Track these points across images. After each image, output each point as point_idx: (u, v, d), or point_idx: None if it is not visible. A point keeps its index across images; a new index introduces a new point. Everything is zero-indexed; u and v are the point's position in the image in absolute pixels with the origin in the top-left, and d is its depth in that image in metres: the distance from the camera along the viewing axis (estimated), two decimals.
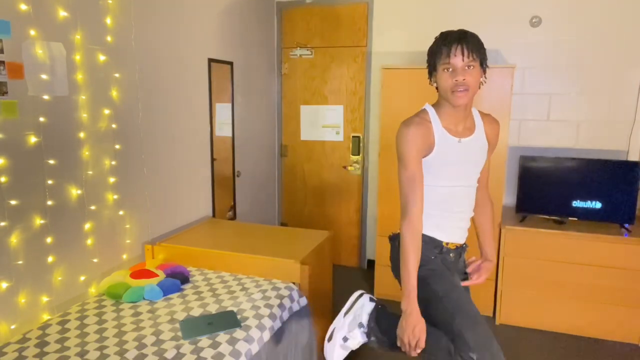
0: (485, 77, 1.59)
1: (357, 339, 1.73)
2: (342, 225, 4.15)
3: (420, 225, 1.58)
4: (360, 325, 1.73)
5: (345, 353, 1.77)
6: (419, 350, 1.54)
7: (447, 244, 1.71)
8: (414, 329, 1.53)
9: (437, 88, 1.60)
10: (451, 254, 1.73)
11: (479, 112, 1.74)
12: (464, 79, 1.49)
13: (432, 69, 1.59)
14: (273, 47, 4.09)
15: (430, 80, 1.62)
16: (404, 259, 1.56)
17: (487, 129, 1.72)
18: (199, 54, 3.04)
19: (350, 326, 1.74)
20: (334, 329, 1.78)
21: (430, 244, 1.69)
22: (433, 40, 1.60)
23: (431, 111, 1.64)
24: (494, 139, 1.76)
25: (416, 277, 1.55)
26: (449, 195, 1.66)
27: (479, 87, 1.56)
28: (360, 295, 1.82)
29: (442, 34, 1.56)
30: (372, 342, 1.74)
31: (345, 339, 1.74)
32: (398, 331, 1.57)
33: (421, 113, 1.64)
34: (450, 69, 1.51)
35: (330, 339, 1.77)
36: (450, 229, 1.70)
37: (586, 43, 3.30)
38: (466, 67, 1.49)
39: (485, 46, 1.57)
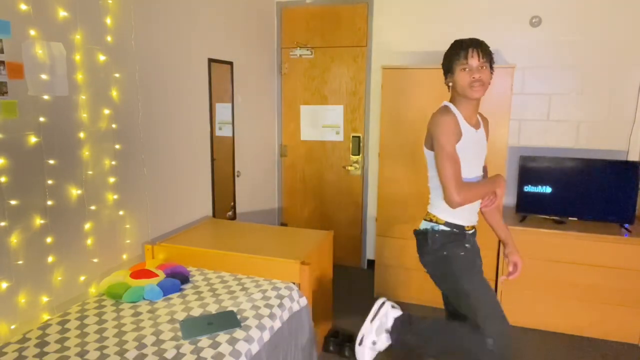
0: (492, 77, 1.87)
1: (384, 342, 2.01)
2: (342, 225, 4.15)
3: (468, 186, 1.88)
4: (387, 330, 2.01)
5: (375, 354, 2.05)
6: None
7: (467, 227, 1.97)
8: (502, 182, 1.94)
9: (449, 87, 1.90)
10: (470, 236, 2.00)
11: None
12: (480, 76, 1.80)
13: (448, 70, 1.87)
14: (273, 47, 4.09)
15: (446, 79, 1.90)
16: (477, 190, 1.87)
17: (484, 125, 2.03)
18: (199, 54, 3.04)
19: (378, 331, 2.01)
20: (363, 334, 2.03)
21: (456, 230, 1.96)
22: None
23: (452, 106, 1.89)
24: (488, 134, 2.07)
25: (484, 184, 1.92)
26: (469, 183, 1.88)
27: (488, 86, 1.85)
28: (383, 303, 2.06)
29: (457, 41, 1.85)
30: (397, 345, 2.02)
31: (374, 343, 2.01)
32: (497, 190, 1.93)
33: (443, 108, 1.90)
34: (467, 69, 1.80)
35: (361, 343, 2.03)
36: (468, 213, 1.96)
37: (586, 43, 3.30)
38: (480, 67, 1.80)
39: None
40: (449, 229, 1.95)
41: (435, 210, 1.98)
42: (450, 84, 1.89)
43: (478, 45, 1.81)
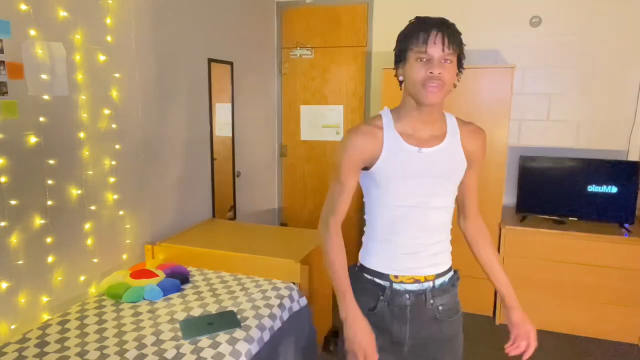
0: (459, 80, 1.31)
1: None
2: (342, 225, 4.13)
3: (340, 237, 1.45)
4: None
5: None
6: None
7: (396, 277, 1.39)
8: (355, 335, 1.32)
9: (400, 83, 1.34)
10: (407, 295, 1.37)
11: (458, 119, 1.42)
12: (440, 73, 1.22)
13: (401, 57, 1.30)
14: (273, 47, 4.09)
15: (397, 71, 1.33)
16: (330, 262, 1.41)
17: (465, 140, 1.39)
18: (199, 54, 3.04)
19: None
20: None
21: (367, 284, 1.42)
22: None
23: (387, 116, 1.37)
24: (477, 152, 1.41)
25: (347, 279, 1.39)
26: (401, 217, 1.36)
27: (452, 89, 1.30)
28: None
29: (418, 17, 1.31)
30: None
31: None
32: (345, 346, 1.35)
33: (374, 119, 1.39)
34: (425, 59, 1.23)
35: None
36: (398, 258, 1.38)
37: (586, 43, 3.30)
38: (443, 60, 1.23)
39: (485, 46, 1.44)
40: (361, 273, 1.46)
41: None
42: (401, 77, 1.32)
43: (445, 28, 1.25)
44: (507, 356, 2.81)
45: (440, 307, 1.40)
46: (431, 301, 1.39)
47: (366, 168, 1.37)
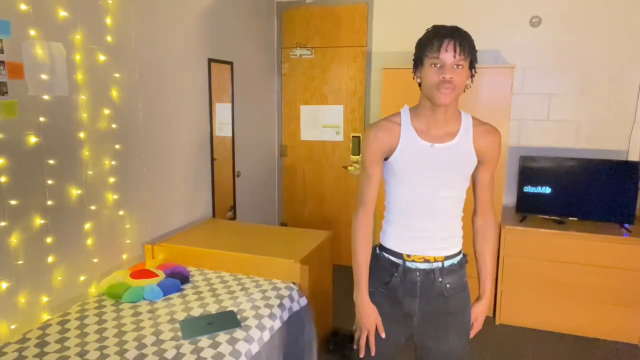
0: (472, 82, 1.47)
1: None
2: (342, 225, 4.14)
3: (371, 221, 1.62)
4: None
5: None
6: (383, 335, 1.59)
7: (408, 256, 1.55)
8: (361, 317, 1.59)
9: (419, 84, 1.49)
10: (417, 272, 1.54)
11: (475, 119, 1.55)
12: (451, 77, 1.37)
13: (418, 62, 1.46)
14: (273, 47, 4.09)
15: (415, 75, 1.50)
16: (354, 251, 1.62)
17: (477, 139, 1.52)
18: (199, 54, 3.04)
19: None
20: None
21: (384, 262, 1.60)
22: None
23: (405, 113, 1.55)
24: (490, 151, 1.55)
25: (367, 270, 1.60)
26: (413, 203, 1.54)
27: (464, 91, 1.45)
28: None
29: (435, 26, 1.44)
30: None
31: None
32: (356, 325, 1.63)
33: (393, 115, 1.56)
34: (439, 65, 1.39)
35: None
36: (410, 239, 1.56)
37: (586, 43, 3.30)
38: (455, 66, 1.37)
39: (485, 46, 1.53)
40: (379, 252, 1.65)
41: None
42: (419, 80, 1.49)
43: (457, 37, 1.37)
44: (507, 356, 2.81)
45: (447, 285, 1.55)
46: (439, 279, 1.54)
47: (387, 159, 1.55)
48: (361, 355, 1.62)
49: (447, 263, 1.56)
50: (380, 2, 3.76)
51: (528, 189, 3.18)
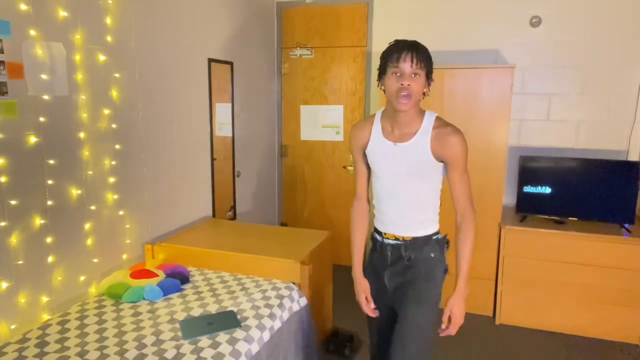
0: (429, 90, 1.66)
1: None
2: (342, 225, 4.15)
3: (364, 206, 1.91)
4: None
5: None
6: (372, 306, 1.87)
7: (385, 234, 1.82)
8: (357, 291, 1.90)
9: (384, 91, 1.65)
10: (389, 248, 1.80)
11: (438, 120, 1.68)
12: (408, 84, 1.56)
13: (382, 71, 1.65)
14: (273, 47, 4.09)
15: (379, 82, 1.67)
16: (351, 232, 1.94)
17: (434, 140, 1.64)
18: (199, 54, 3.04)
19: None
20: None
21: (374, 241, 1.90)
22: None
23: (379, 113, 1.79)
24: (448, 151, 1.64)
25: (360, 249, 1.92)
26: (384, 192, 1.79)
27: (423, 97, 1.64)
28: None
29: (396, 40, 1.64)
30: None
31: None
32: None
33: (372, 115, 1.83)
34: (398, 74, 1.57)
35: None
36: (383, 222, 1.82)
37: (586, 43, 3.30)
38: (412, 75, 1.56)
39: (485, 46, 1.61)
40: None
41: None
42: (382, 87, 1.66)
43: (413, 49, 1.56)
44: (507, 356, 2.81)
45: (412, 256, 1.77)
46: (404, 253, 1.78)
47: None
48: (372, 316, 1.89)
49: (411, 241, 1.77)
50: (380, 2, 3.76)
51: (528, 189, 3.18)
